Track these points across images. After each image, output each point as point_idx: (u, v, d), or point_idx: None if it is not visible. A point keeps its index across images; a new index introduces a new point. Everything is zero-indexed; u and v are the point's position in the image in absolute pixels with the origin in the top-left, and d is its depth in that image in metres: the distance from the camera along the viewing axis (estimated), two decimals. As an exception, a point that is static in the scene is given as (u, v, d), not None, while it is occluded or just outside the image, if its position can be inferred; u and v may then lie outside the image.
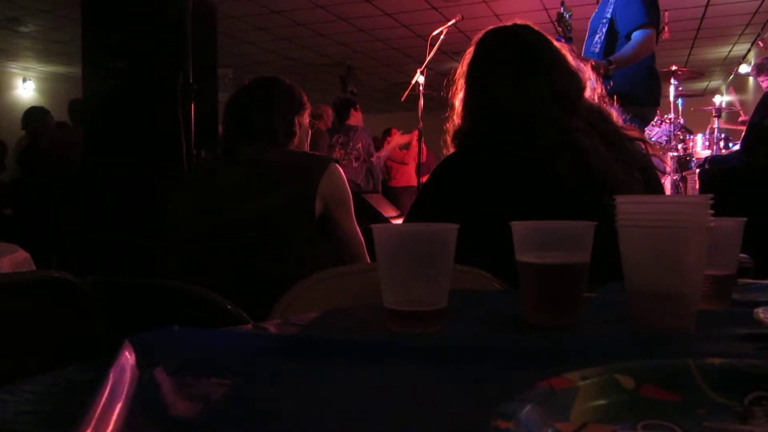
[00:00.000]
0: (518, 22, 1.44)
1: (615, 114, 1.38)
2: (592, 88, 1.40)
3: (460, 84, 1.45)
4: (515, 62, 1.37)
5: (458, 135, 1.42)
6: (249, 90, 1.85)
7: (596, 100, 1.41)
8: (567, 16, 3.22)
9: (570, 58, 1.40)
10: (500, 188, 1.28)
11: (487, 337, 0.70)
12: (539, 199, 1.23)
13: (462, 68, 1.46)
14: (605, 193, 0.73)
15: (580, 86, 1.37)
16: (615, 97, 1.49)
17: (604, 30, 3.15)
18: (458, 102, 1.45)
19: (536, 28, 1.43)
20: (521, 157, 1.28)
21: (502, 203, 1.24)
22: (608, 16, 3.16)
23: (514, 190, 1.26)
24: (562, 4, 3.33)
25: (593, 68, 1.46)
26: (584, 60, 1.46)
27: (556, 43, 1.41)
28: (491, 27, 1.46)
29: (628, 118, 1.47)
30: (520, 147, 1.29)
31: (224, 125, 1.84)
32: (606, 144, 1.28)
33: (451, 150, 1.43)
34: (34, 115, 5.04)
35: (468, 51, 1.46)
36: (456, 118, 1.45)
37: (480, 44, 1.45)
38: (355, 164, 5.74)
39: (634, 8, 3.08)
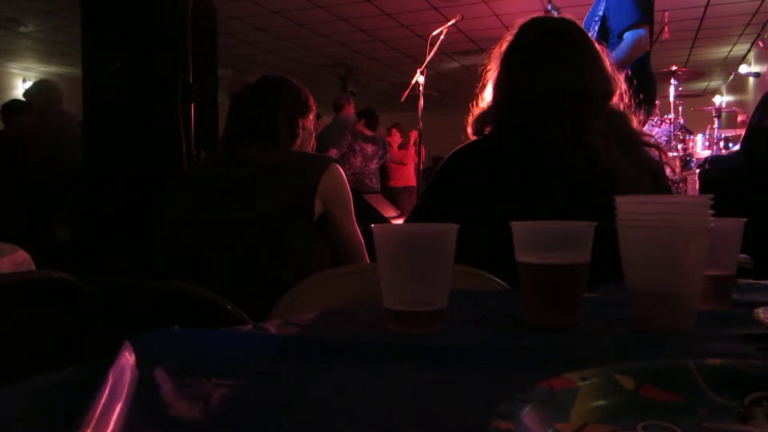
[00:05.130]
0: (567, 16, 1.46)
1: (636, 121, 1.38)
2: (620, 96, 1.41)
3: (495, 64, 1.45)
4: (550, 52, 1.37)
5: (480, 120, 1.42)
6: (255, 89, 1.84)
7: (622, 108, 1.41)
8: (554, 13, 3.24)
9: (608, 63, 1.40)
10: (508, 185, 1.28)
11: (487, 337, 0.70)
12: (546, 197, 1.23)
13: (500, 49, 1.46)
14: (613, 194, 0.72)
15: (609, 91, 1.38)
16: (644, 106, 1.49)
17: (596, 28, 3.15)
18: (489, 81, 1.45)
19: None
20: (531, 154, 1.28)
21: (509, 200, 1.24)
22: (600, 13, 3.16)
23: (521, 187, 1.26)
24: (550, 1, 3.33)
25: (626, 79, 1.46)
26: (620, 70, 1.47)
27: (597, 47, 1.41)
28: (538, 16, 1.47)
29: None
30: (533, 142, 1.29)
31: (227, 123, 1.84)
32: (621, 147, 1.28)
33: (471, 134, 1.44)
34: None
35: (509, 33, 1.46)
36: (484, 98, 1.45)
37: (523, 30, 1.45)
38: (372, 166, 5.83)
39: (627, 6, 3.08)
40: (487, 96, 1.46)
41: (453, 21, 4.10)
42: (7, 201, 3.55)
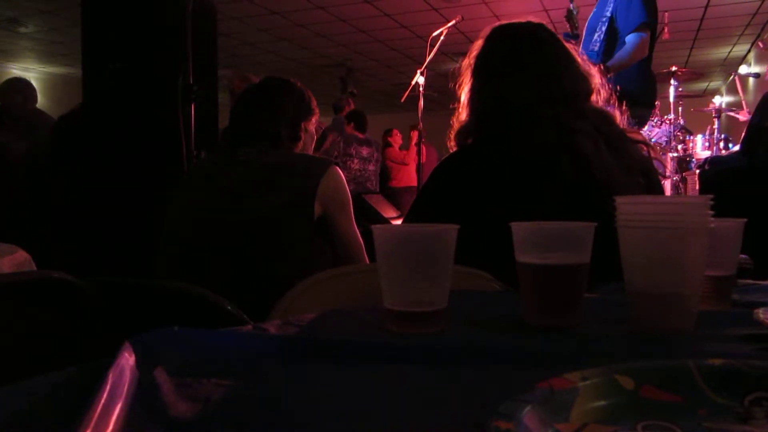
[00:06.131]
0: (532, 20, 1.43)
1: (618, 116, 1.38)
2: (597, 92, 1.40)
3: (467, 77, 1.44)
4: (527, 60, 1.36)
5: (461, 133, 1.41)
6: (258, 90, 1.84)
7: (601, 103, 1.40)
8: (575, 12, 3.26)
9: (580, 60, 1.39)
10: (500, 189, 1.28)
11: (488, 337, 0.70)
12: (539, 201, 1.23)
13: (468, 60, 1.44)
14: (606, 197, 0.72)
15: (589, 89, 1.37)
16: (624, 101, 1.48)
17: (603, 29, 3.17)
18: (464, 95, 1.44)
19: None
20: (522, 158, 1.28)
21: (502, 204, 1.24)
22: (608, 14, 3.18)
23: (513, 191, 1.26)
24: (572, 0, 3.36)
25: (601, 72, 1.45)
26: (593, 63, 1.46)
27: (567, 45, 1.40)
28: (503, 22, 1.44)
29: (634, 122, 1.47)
30: (522, 147, 1.28)
31: (230, 122, 1.84)
32: (609, 147, 1.28)
33: (454, 147, 1.43)
34: None
35: (476, 44, 1.44)
36: (462, 111, 1.44)
37: (492, 38, 1.43)
38: (370, 168, 5.88)
39: (635, 8, 3.10)
40: (463, 108, 1.44)
41: (453, 22, 4.10)
42: (5, 201, 3.54)
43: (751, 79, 8.55)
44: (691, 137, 4.84)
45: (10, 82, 4.22)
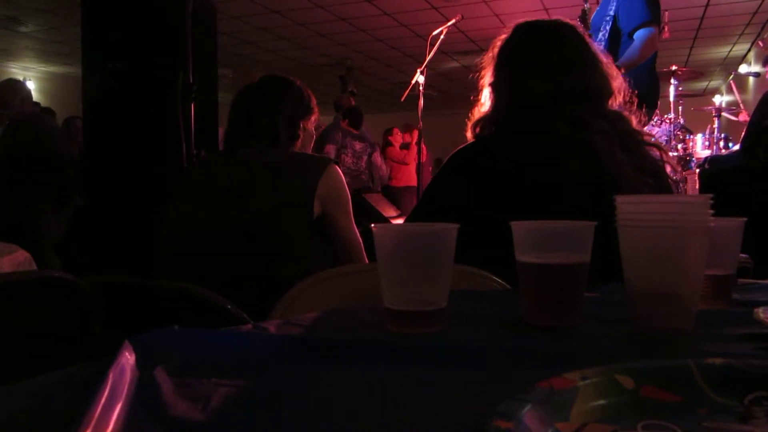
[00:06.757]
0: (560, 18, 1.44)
1: (635, 120, 1.38)
2: (619, 93, 1.40)
3: (489, 70, 1.44)
4: (549, 56, 1.36)
5: (478, 124, 1.41)
6: (257, 88, 1.84)
7: (618, 105, 1.40)
8: (589, 12, 3.27)
9: (605, 61, 1.40)
10: (507, 186, 1.28)
11: (487, 337, 0.70)
12: (547, 198, 1.23)
13: (492, 53, 1.45)
14: (616, 195, 0.72)
15: (611, 90, 1.38)
16: (644, 105, 1.48)
17: (607, 27, 3.17)
18: (486, 88, 1.44)
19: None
20: (532, 155, 1.28)
21: (509, 200, 1.24)
22: (611, 13, 3.18)
23: (520, 188, 1.26)
24: (586, 1, 3.38)
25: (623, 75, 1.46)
26: (617, 66, 1.46)
27: (593, 45, 1.40)
28: (532, 20, 1.44)
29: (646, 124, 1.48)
30: (533, 143, 1.28)
31: (228, 122, 1.83)
32: (624, 148, 1.28)
33: (471, 138, 1.43)
34: None
35: (500, 37, 1.45)
36: (484, 104, 1.44)
37: (516, 33, 1.43)
38: (363, 164, 5.91)
39: (637, 6, 3.10)
40: (485, 100, 1.45)
41: (453, 21, 4.11)
42: (5, 202, 3.55)
43: (750, 79, 8.55)
44: (691, 136, 4.83)
45: (7, 83, 4.23)
